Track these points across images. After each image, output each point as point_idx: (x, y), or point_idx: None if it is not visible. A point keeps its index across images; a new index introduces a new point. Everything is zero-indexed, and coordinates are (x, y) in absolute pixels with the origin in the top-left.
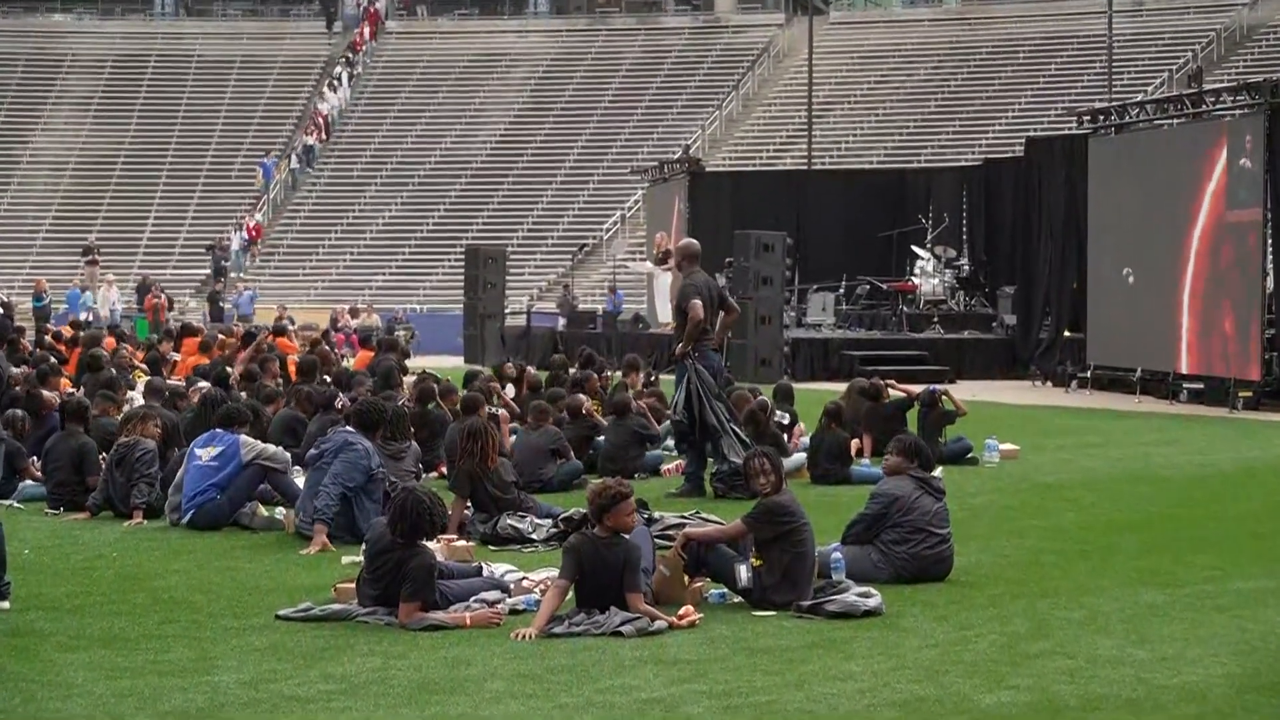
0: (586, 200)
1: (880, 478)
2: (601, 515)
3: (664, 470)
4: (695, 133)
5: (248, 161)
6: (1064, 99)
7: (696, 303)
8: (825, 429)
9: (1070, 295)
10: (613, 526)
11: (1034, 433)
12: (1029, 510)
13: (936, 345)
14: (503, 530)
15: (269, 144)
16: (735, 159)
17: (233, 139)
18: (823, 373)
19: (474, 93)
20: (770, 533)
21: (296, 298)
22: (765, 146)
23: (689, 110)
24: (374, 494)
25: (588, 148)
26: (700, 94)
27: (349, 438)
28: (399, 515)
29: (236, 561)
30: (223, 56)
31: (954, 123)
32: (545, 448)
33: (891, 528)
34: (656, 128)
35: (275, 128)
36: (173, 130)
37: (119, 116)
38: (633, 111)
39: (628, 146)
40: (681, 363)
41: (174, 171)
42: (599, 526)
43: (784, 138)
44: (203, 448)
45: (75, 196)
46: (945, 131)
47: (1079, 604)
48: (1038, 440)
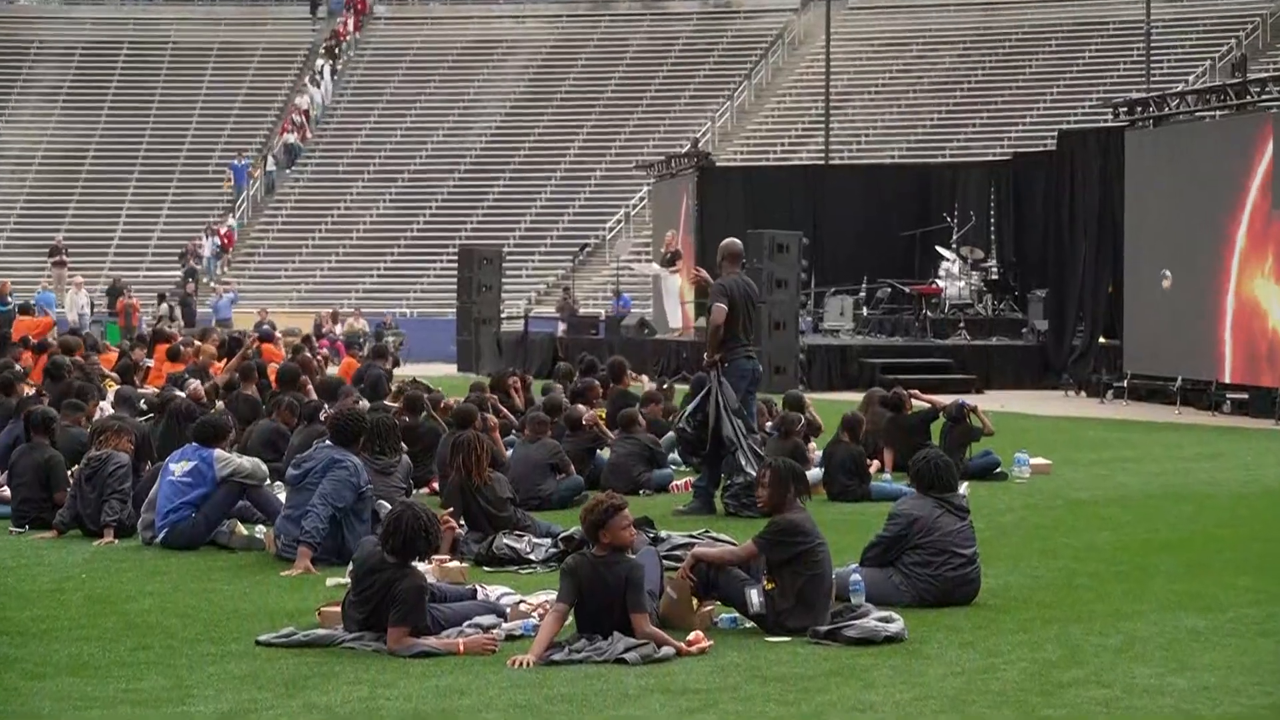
0: (588, 197)
1: (902, 494)
2: (596, 532)
3: (673, 487)
4: (704, 125)
5: (226, 156)
6: (1098, 89)
7: (719, 306)
8: (839, 441)
9: (1105, 299)
10: (610, 543)
11: (1066, 446)
12: (1061, 529)
13: (962, 352)
14: (499, 550)
15: (249, 137)
16: (747, 153)
17: (210, 132)
18: (840, 381)
19: (468, 82)
20: (783, 554)
21: (278, 301)
22: (779, 140)
23: (698, 101)
24: (363, 514)
25: (589, 141)
26: (710, 84)
27: (334, 455)
28: (392, 531)
29: (214, 583)
30: (200, 43)
31: (981, 114)
32: (544, 462)
33: (913, 549)
34: (663, 120)
35: (256, 119)
36: (146, 122)
37: (89, 107)
38: (638, 102)
39: (632, 140)
40: (706, 372)
41: (147, 166)
42: (596, 545)
43: (799, 130)
44: (177, 462)
45: (42, 193)
46: (972, 124)
47: (1115, 629)
48: (1070, 454)
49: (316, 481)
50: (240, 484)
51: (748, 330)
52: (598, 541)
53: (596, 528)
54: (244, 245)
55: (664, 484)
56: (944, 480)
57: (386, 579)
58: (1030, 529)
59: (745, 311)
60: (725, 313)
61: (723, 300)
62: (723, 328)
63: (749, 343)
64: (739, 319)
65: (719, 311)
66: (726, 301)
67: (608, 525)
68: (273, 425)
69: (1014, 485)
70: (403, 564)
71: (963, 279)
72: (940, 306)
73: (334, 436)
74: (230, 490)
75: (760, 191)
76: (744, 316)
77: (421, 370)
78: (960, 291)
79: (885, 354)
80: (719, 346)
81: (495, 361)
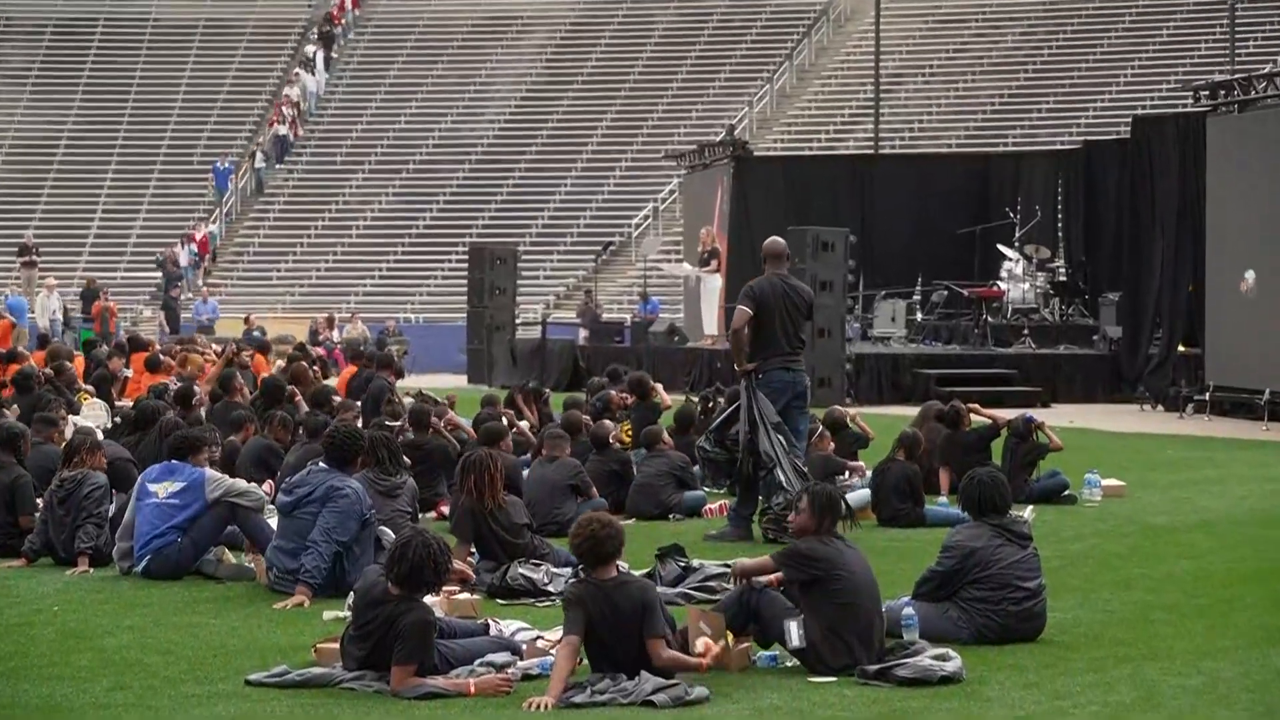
0: (612, 190)
1: (961, 520)
2: (596, 563)
3: (706, 510)
4: (741, 110)
5: (212, 145)
6: (1177, 71)
7: (740, 309)
8: (893, 460)
9: (1185, 303)
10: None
11: (1142, 466)
12: (1136, 557)
13: (1027, 362)
14: (513, 581)
15: (237, 125)
16: (788, 141)
17: (195, 118)
18: (892, 394)
19: (479, 63)
20: (800, 576)
21: (269, 306)
22: (824, 127)
23: (733, 84)
24: (365, 542)
25: (614, 128)
26: (747, 65)
27: (334, 481)
28: (398, 560)
29: (199, 616)
30: (183, 20)
31: (1047, 99)
32: (563, 483)
33: (970, 583)
34: (695, 105)
35: (245, 104)
36: (124, 108)
37: (61, 91)
38: (667, 85)
39: (661, 127)
40: (743, 382)
41: (125, 156)
42: (597, 570)
43: (846, 116)
44: (156, 482)
45: (9, 186)
46: (1037, 109)
47: (1195, 669)
48: (1146, 475)
49: (313, 511)
50: (232, 505)
51: (790, 338)
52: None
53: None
54: (231, 244)
55: (696, 507)
56: (995, 501)
57: (390, 613)
58: (1102, 558)
59: (785, 316)
60: (747, 317)
61: (747, 303)
62: (748, 334)
63: (792, 352)
64: (775, 324)
65: (740, 315)
66: (752, 305)
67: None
68: (264, 442)
69: (1084, 509)
70: (408, 596)
71: (1027, 281)
72: (1002, 311)
73: (330, 458)
74: (221, 513)
75: (803, 184)
76: (783, 322)
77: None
78: (1024, 294)
79: (941, 364)
80: (748, 355)
81: (509, 373)
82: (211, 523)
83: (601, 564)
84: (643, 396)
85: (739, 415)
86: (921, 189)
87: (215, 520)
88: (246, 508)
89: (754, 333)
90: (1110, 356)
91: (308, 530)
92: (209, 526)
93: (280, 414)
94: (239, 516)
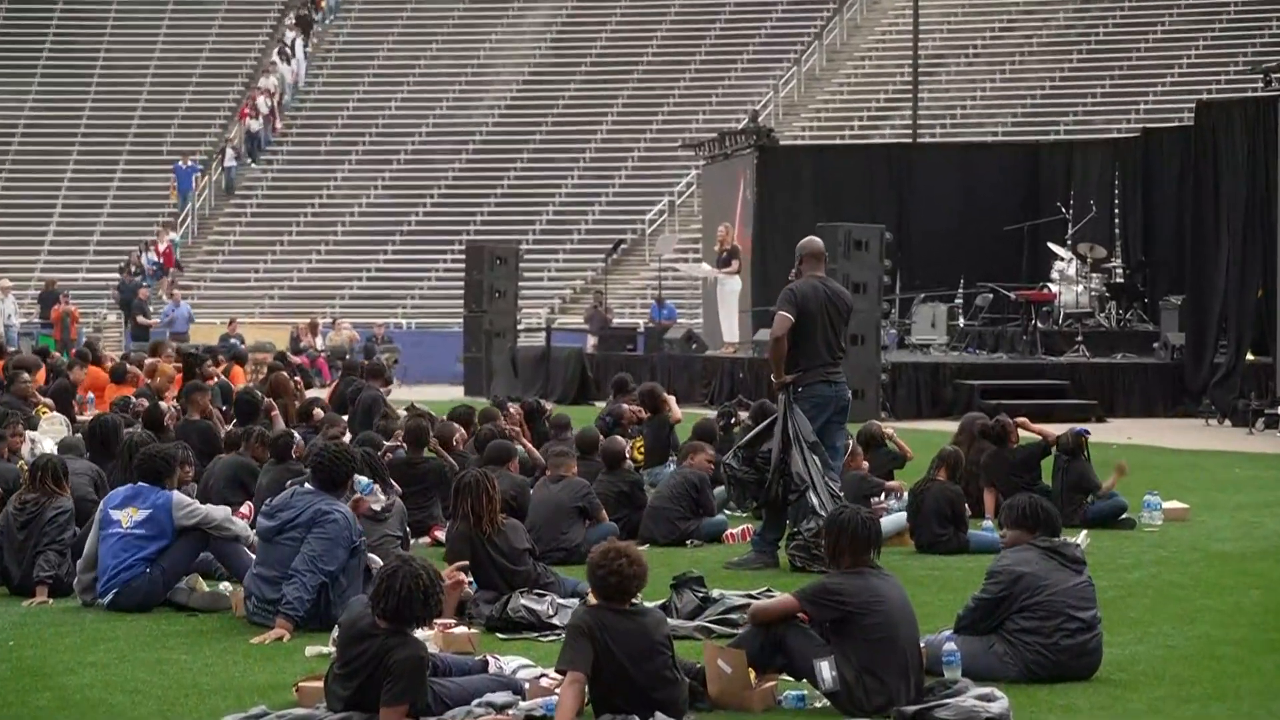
0: (623, 183)
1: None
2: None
3: (727, 536)
4: (765, 95)
5: (182, 135)
6: (1245, 51)
7: (782, 315)
8: (932, 480)
9: (1254, 307)
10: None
11: (1207, 486)
12: (1201, 587)
13: (1080, 372)
14: (514, 613)
15: (211, 111)
16: (817, 130)
17: (164, 104)
18: (932, 408)
19: (477, 44)
20: (828, 615)
21: (245, 310)
22: (857, 114)
23: (757, 66)
24: (353, 572)
25: (625, 115)
26: (772, 45)
27: (321, 505)
28: (386, 591)
29: (170, 652)
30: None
31: (1102, 82)
32: (570, 505)
33: (1018, 613)
34: (715, 89)
35: (220, 89)
36: (87, 91)
37: (17, 73)
38: (684, 68)
39: (677, 113)
40: (780, 396)
41: (88, 146)
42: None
43: (881, 102)
44: (120, 508)
45: None
46: (1091, 94)
47: (1266, 710)
48: (1212, 496)
49: (298, 537)
50: (205, 533)
51: (832, 347)
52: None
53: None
54: (204, 242)
55: (716, 533)
56: (1049, 519)
57: (378, 648)
58: (1163, 587)
59: (826, 323)
60: (789, 323)
61: (789, 308)
62: (788, 342)
63: (833, 363)
64: (816, 332)
65: (781, 321)
66: (794, 310)
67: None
68: (239, 460)
69: (1143, 534)
70: (398, 630)
71: (1080, 283)
72: (1053, 316)
73: (318, 479)
74: (193, 540)
75: (834, 176)
76: (825, 330)
77: (420, 394)
78: (1077, 298)
79: (986, 374)
80: (788, 366)
81: (510, 383)
82: (183, 551)
83: (620, 601)
84: (655, 410)
85: (771, 431)
86: (964, 181)
87: (187, 548)
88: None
89: (793, 342)
90: (1172, 366)
91: (291, 558)
92: (180, 555)
93: (258, 430)
94: (213, 541)
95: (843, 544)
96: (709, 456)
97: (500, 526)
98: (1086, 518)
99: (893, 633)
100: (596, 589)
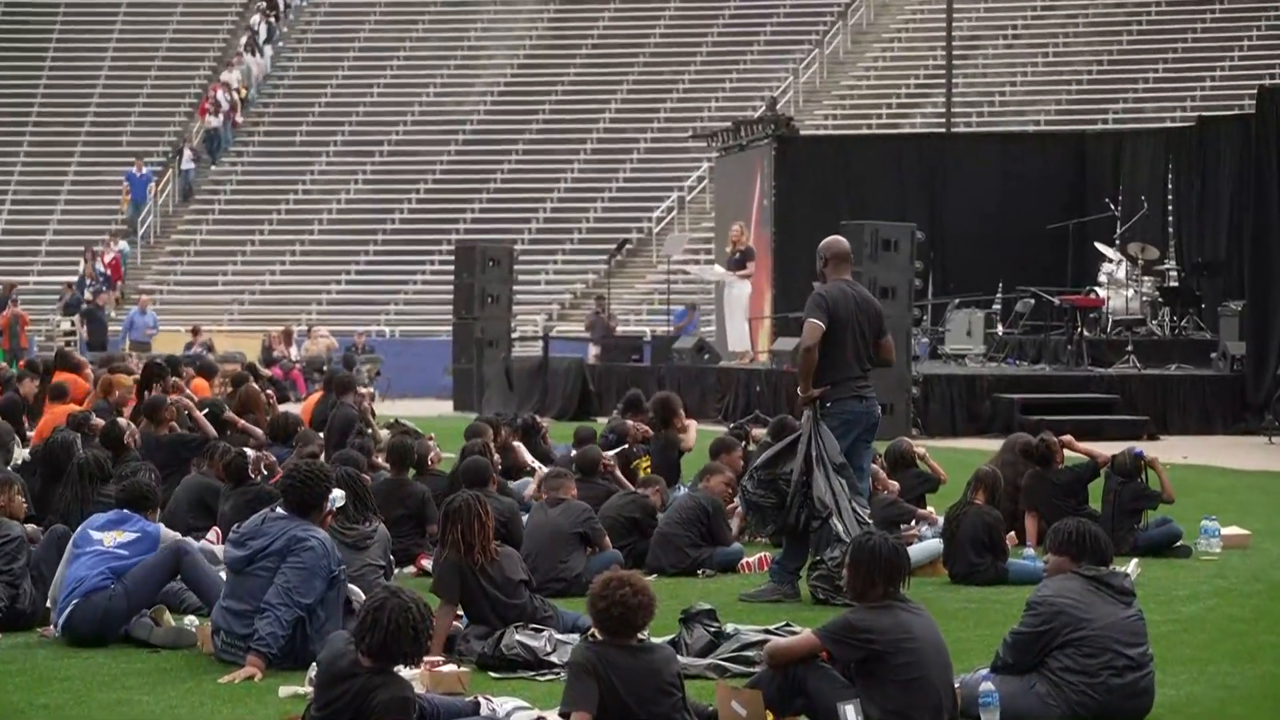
0: (628, 177)
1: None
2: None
3: (742, 565)
4: (785, 80)
5: (142, 128)
6: None
7: (812, 322)
8: (969, 504)
9: None
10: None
11: (1270, 510)
12: (1264, 622)
13: (1131, 385)
14: (509, 650)
15: (174, 100)
16: (842, 118)
17: (124, 91)
18: (968, 424)
19: (467, 23)
20: (852, 654)
21: (213, 317)
22: (885, 101)
23: (775, 49)
24: (332, 604)
25: (629, 102)
26: (791, 25)
27: (296, 531)
28: (369, 627)
29: (130, 692)
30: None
31: (1155, 67)
32: (569, 531)
33: (1061, 649)
34: (728, 74)
35: (183, 76)
36: (38, 81)
37: None
38: (694, 52)
39: (687, 100)
40: (805, 412)
41: (39, 139)
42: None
43: (911, 87)
44: (104, 530)
45: None
46: (1141, 79)
47: None
48: (1275, 521)
49: (270, 566)
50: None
51: (862, 359)
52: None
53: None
54: (167, 242)
55: (731, 562)
56: (1099, 547)
57: (361, 688)
58: (1221, 621)
59: (857, 332)
60: (820, 331)
61: (819, 315)
62: (818, 353)
63: (863, 376)
64: (846, 342)
65: (812, 330)
66: (825, 316)
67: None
68: (203, 481)
69: (1200, 563)
70: (382, 669)
71: (1131, 287)
72: (1101, 324)
73: (290, 502)
74: (167, 558)
75: (859, 169)
76: (855, 339)
77: (405, 409)
78: (1128, 303)
79: (1027, 387)
80: (816, 379)
81: (504, 397)
82: (152, 573)
83: (625, 636)
84: (665, 423)
85: (793, 450)
86: (1003, 175)
87: (160, 565)
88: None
89: (821, 352)
90: (1232, 378)
91: (263, 589)
92: (148, 576)
93: (224, 446)
94: (184, 566)
95: (870, 574)
96: (727, 480)
97: (494, 555)
98: (1137, 545)
99: (924, 672)
100: (599, 623)
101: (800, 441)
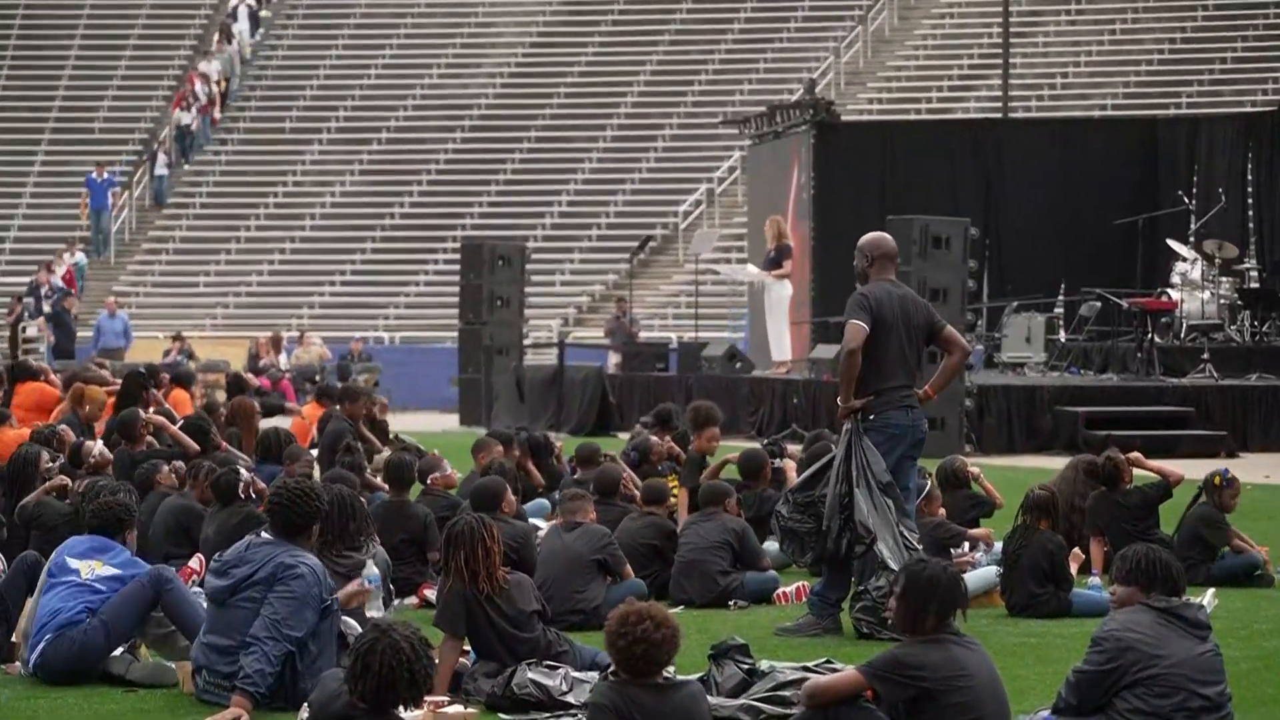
0: (651, 169)
1: None
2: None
3: (778, 596)
4: (824, 61)
5: (114, 116)
6: None
7: (855, 324)
8: (1028, 530)
9: None
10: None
11: None
12: None
13: (1207, 397)
14: (520, 689)
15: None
16: (887, 103)
17: (93, 82)
18: (1026, 441)
19: (471, 4)
20: (900, 694)
21: (194, 321)
22: (934, 85)
23: (812, 27)
24: (324, 638)
25: (652, 87)
26: (832, 0)
27: (283, 557)
28: (363, 669)
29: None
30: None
31: (1233, 45)
32: (588, 558)
33: (1130, 688)
34: (762, 55)
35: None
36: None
37: None
38: (724, 29)
39: (716, 85)
40: (845, 425)
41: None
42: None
43: (964, 69)
44: (82, 558)
45: None
46: (1219, 59)
47: None
48: None
49: (256, 597)
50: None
51: (909, 366)
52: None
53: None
54: (144, 239)
55: (765, 592)
56: (1164, 576)
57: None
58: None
59: (904, 337)
60: (864, 334)
61: (862, 317)
62: (861, 358)
63: (909, 385)
64: (891, 348)
65: (855, 332)
66: (869, 319)
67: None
68: (183, 504)
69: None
70: (379, 713)
71: (1207, 289)
72: (1174, 329)
73: (277, 524)
74: (146, 588)
75: (907, 159)
76: (901, 345)
77: (406, 423)
78: (1204, 306)
79: (1092, 399)
80: (858, 388)
81: (515, 410)
82: (130, 604)
83: (649, 674)
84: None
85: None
86: (1065, 166)
87: (136, 600)
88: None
89: (864, 358)
90: None
91: (248, 622)
92: (127, 609)
93: (208, 464)
94: (164, 596)
95: (923, 606)
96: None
97: (503, 584)
98: (1213, 575)
99: (979, 714)
100: (620, 663)
101: (838, 457)
